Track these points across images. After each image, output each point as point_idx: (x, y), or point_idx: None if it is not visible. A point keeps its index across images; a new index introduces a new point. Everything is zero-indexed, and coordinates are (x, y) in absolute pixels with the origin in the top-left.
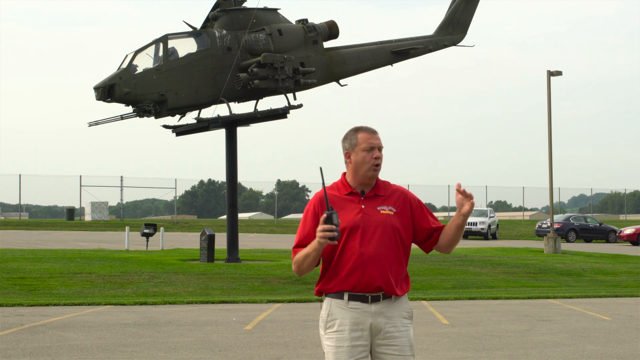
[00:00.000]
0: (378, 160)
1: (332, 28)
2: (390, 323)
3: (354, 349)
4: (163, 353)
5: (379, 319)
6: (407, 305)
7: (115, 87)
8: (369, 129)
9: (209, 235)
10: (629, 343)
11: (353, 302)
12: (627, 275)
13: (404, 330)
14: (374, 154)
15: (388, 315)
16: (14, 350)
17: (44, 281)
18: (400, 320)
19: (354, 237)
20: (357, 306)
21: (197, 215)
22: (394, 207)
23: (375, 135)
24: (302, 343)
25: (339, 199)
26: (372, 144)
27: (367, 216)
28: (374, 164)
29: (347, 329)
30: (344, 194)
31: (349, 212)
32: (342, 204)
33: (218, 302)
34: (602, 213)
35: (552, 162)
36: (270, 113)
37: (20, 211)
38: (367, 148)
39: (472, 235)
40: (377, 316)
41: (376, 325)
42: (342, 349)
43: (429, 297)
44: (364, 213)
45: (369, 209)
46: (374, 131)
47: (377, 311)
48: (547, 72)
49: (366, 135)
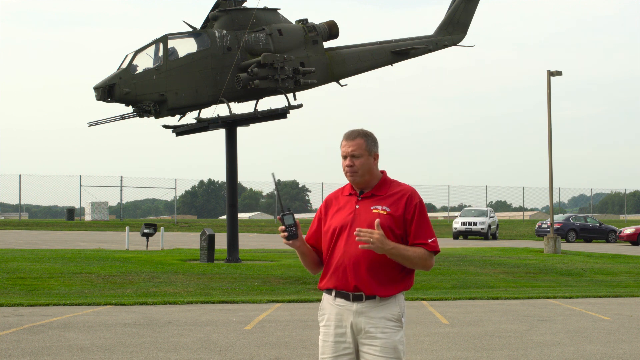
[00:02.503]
0: (351, 167)
1: (332, 28)
2: (372, 323)
3: (338, 345)
4: (163, 353)
5: (359, 319)
6: (395, 309)
7: (115, 87)
8: (350, 134)
9: (209, 235)
10: (629, 343)
11: (338, 299)
12: (627, 275)
13: (388, 332)
14: (346, 162)
15: (370, 316)
16: (14, 350)
17: (44, 281)
18: (383, 322)
19: (341, 237)
20: (341, 303)
21: (197, 215)
22: (388, 207)
23: (351, 142)
24: (302, 343)
25: (339, 200)
26: (344, 152)
27: (357, 216)
28: (347, 172)
29: (333, 325)
30: (346, 195)
31: (343, 212)
32: (340, 204)
33: (218, 302)
34: (602, 213)
35: (552, 162)
36: (270, 113)
37: (20, 211)
38: (343, 155)
39: (472, 235)
40: (358, 315)
41: (356, 324)
42: (327, 344)
43: (429, 297)
44: (356, 213)
45: (362, 209)
46: (352, 137)
47: (359, 310)
48: (547, 72)
49: (343, 142)
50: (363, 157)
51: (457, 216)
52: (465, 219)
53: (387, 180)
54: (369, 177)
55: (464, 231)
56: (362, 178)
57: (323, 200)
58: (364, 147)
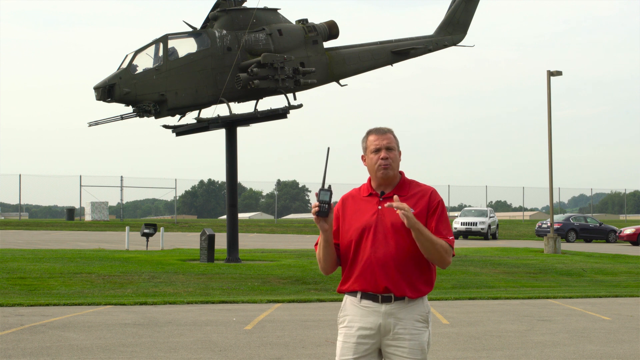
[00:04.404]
0: (386, 160)
1: (332, 28)
2: (401, 325)
3: (359, 347)
4: (163, 353)
5: (388, 320)
6: (422, 309)
7: (115, 87)
8: (379, 129)
9: (209, 235)
10: (629, 343)
11: (365, 300)
12: (627, 275)
13: (416, 333)
14: (381, 154)
15: (399, 317)
16: (14, 350)
17: (44, 281)
18: (412, 322)
19: (366, 238)
20: (368, 305)
21: (197, 215)
22: (412, 207)
23: (383, 135)
24: (302, 343)
25: (358, 200)
26: (378, 145)
27: (381, 217)
28: (381, 165)
29: (356, 326)
30: (364, 196)
31: (365, 213)
32: (360, 205)
33: (218, 302)
34: (602, 213)
35: (552, 162)
36: (270, 113)
37: (20, 211)
38: (374, 150)
39: (472, 235)
40: (388, 317)
41: (385, 326)
42: (348, 345)
43: (429, 297)
44: (379, 214)
45: (385, 210)
46: (383, 131)
47: (388, 312)
48: (547, 72)
49: (373, 137)
50: (395, 150)
51: (457, 216)
52: (465, 219)
53: (407, 180)
54: (396, 173)
55: (464, 231)
56: (394, 172)
57: (340, 199)
58: (395, 141)
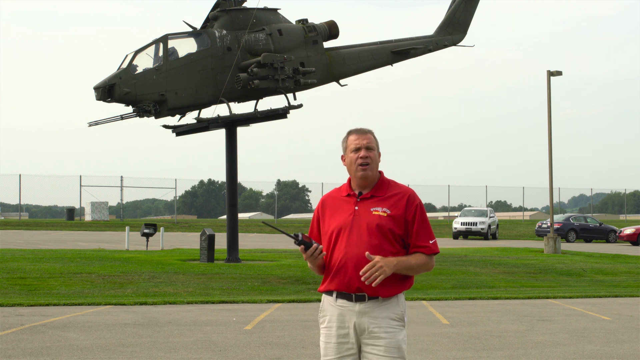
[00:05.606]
0: (365, 159)
1: (332, 28)
2: (375, 323)
3: (341, 346)
4: (163, 353)
5: (362, 319)
6: (398, 308)
7: (115, 87)
8: (359, 130)
9: (209, 235)
10: (629, 343)
11: (340, 299)
12: (627, 275)
13: (391, 331)
14: (360, 153)
15: (373, 316)
16: (14, 350)
17: (44, 281)
18: (386, 321)
19: (341, 238)
20: (343, 304)
21: (197, 215)
22: (389, 208)
23: (363, 135)
24: (302, 343)
25: (336, 200)
26: (358, 145)
27: (357, 217)
28: (360, 164)
29: (335, 326)
30: (343, 196)
31: (342, 214)
32: (338, 205)
33: (218, 302)
34: (602, 213)
35: (552, 162)
36: (270, 113)
37: (20, 211)
38: (354, 149)
39: (472, 235)
40: (362, 315)
41: (360, 325)
42: (330, 345)
43: (429, 297)
44: (355, 214)
45: (361, 210)
46: (363, 132)
47: (362, 310)
48: (547, 72)
49: (353, 137)
50: (375, 151)
51: (457, 216)
52: (465, 219)
53: (385, 180)
54: (375, 173)
55: (464, 231)
56: (373, 173)
57: (319, 201)
58: (375, 142)
